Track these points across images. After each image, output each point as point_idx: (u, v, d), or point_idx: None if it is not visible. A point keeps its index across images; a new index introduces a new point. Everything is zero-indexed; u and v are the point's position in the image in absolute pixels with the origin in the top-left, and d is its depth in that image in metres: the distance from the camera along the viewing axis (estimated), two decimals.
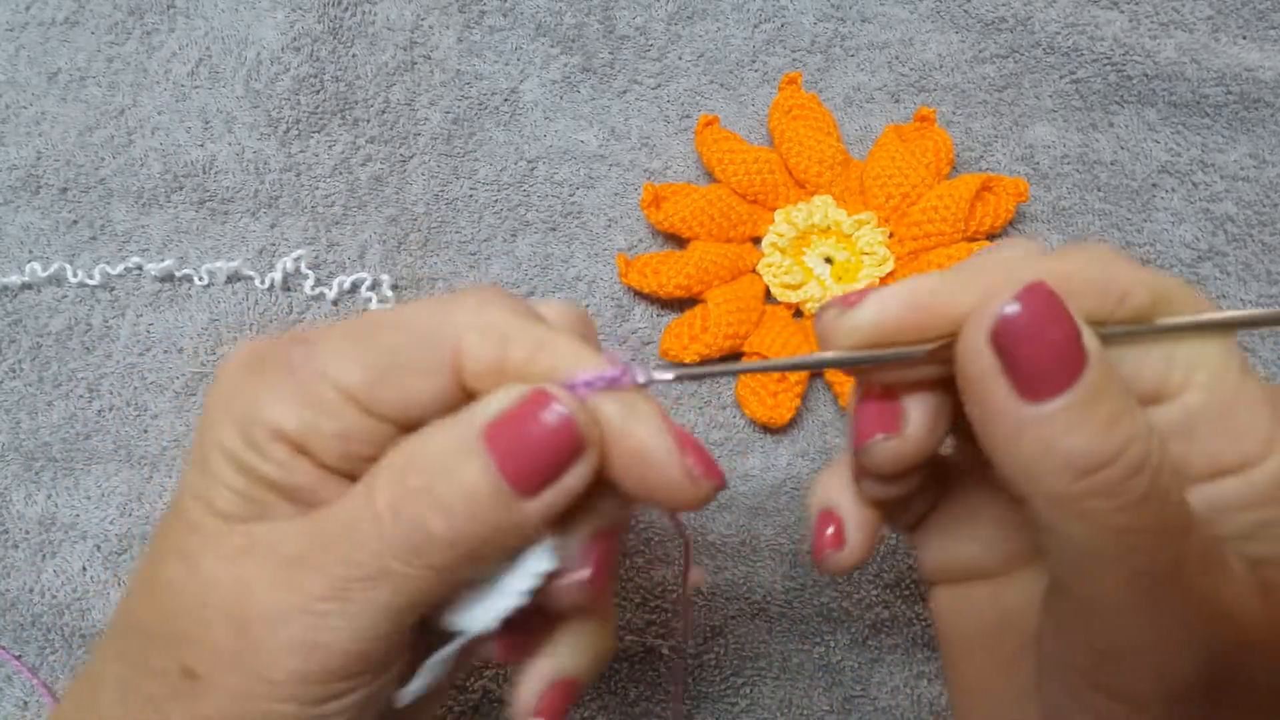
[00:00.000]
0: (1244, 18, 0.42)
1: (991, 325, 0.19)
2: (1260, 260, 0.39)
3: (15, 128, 0.43)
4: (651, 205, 0.39)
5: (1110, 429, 0.18)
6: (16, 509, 0.39)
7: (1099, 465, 0.18)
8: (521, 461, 0.19)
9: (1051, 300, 0.19)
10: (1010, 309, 0.19)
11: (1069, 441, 0.18)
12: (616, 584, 0.24)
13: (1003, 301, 0.19)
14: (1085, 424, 0.18)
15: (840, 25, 0.43)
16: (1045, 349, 0.18)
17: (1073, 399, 0.18)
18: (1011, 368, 0.19)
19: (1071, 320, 0.19)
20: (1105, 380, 0.19)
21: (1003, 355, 0.19)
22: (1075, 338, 0.18)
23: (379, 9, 0.44)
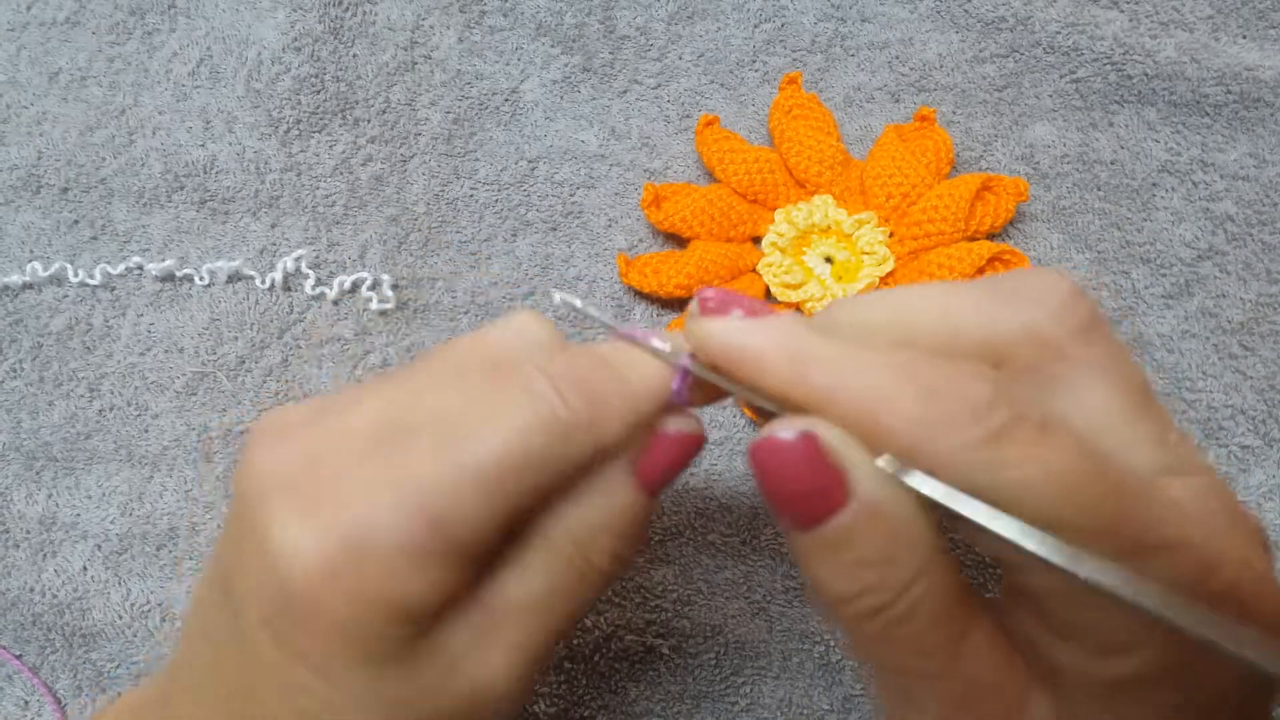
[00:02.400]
0: (1244, 17, 0.42)
1: (749, 447, 0.20)
2: (1260, 259, 0.39)
3: (16, 127, 0.43)
4: (651, 205, 0.39)
5: (848, 573, 0.19)
6: (17, 509, 0.39)
7: (840, 601, 0.19)
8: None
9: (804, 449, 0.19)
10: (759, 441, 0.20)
11: (814, 573, 0.19)
12: None
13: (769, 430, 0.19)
14: (830, 562, 0.19)
15: (840, 25, 0.43)
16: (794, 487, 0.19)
17: (818, 536, 0.19)
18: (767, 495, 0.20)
19: (829, 470, 0.19)
20: (861, 524, 0.19)
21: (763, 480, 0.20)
22: (834, 483, 0.19)
23: (380, 9, 0.44)
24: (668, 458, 0.23)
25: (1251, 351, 0.38)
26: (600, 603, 0.37)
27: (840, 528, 0.19)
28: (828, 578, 0.19)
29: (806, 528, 0.19)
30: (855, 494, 0.19)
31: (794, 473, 0.19)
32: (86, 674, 0.37)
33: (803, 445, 0.19)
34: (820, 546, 0.19)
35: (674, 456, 0.23)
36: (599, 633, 0.36)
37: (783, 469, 0.19)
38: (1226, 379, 0.38)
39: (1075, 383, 0.19)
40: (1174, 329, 0.38)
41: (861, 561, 0.19)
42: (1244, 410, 0.37)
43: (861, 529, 0.19)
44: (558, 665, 0.36)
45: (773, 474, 0.19)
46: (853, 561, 0.19)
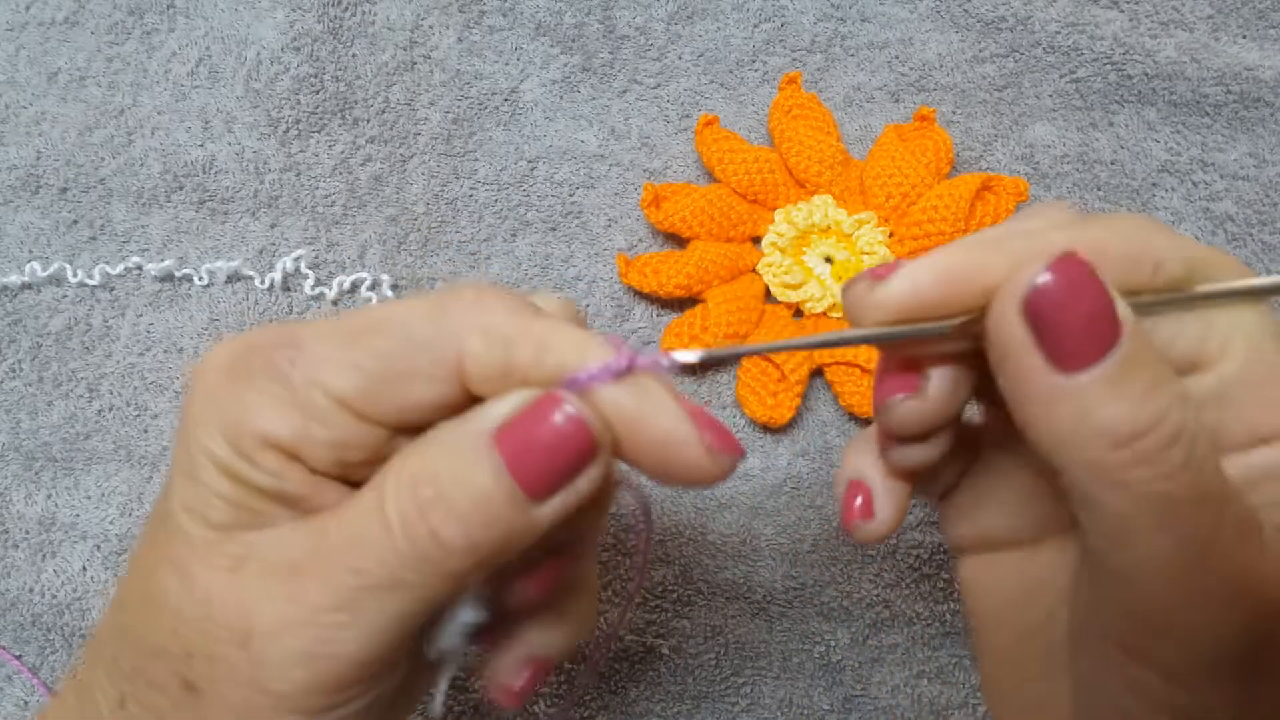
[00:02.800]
0: (1244, 17, 0.42)
1: (1023, 297, 0.18)
2: (1260, 259, 0.39)
3: (15, 127, 0.43)
4: (651, 205, 0.39)
5: (1147, 398, 0.18)
6: (17, 509, 0.39)
7: (1137, 434, 0.18)
8: (533, 466, 0.19)
9: (1084, 270, 0.18)
10: (1042, 279, 0.18)
11: (1105, 411, 0.18)
12: (595, 566, 0.24)
13: (1034, 272, 0.18)
14: (1121, 393, 0.18)
15: (840, 25, 0.43)
16: (1078, 319, 0.18)
17: (1108, 369, 0.18)
18: (1044, 339, 0.18)
19: (1104, 290, 0.18)
20: (1140, 349, 0.18)
21: (1035, 327, 0.18)
22: (1109, 307, 0.18)
23: (379, 9, 0.44)
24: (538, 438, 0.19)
25: None
26: (600, 603, 0.37)
27: (1128, 350, 0.18)
28: (1121, 414, 0.18)
29: (1098, 358, 0.18)
30: (1124, 317, 0.18)
31: (1081, 300, 0.18)
32: None
33: (1080, 272, 0.18)
34: (1110, 378, 0.18)
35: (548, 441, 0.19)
36: (599, 633, 0.36)
37: (1070, 299, 0.18)
38: None
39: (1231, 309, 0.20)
40: None
41: (1151, 384, 0.18)
42: None
43: (1144, 348, 0.18)
44: (558, 665, 0.36)
45: (1059, 310, 0.18)
46: (1148, 382, 0.18)
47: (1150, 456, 0.18)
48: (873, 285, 0.20)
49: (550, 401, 0.19)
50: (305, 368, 0.20)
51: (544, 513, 0.19)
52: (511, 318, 0.20)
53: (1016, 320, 0.19)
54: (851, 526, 0.24)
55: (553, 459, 0.19)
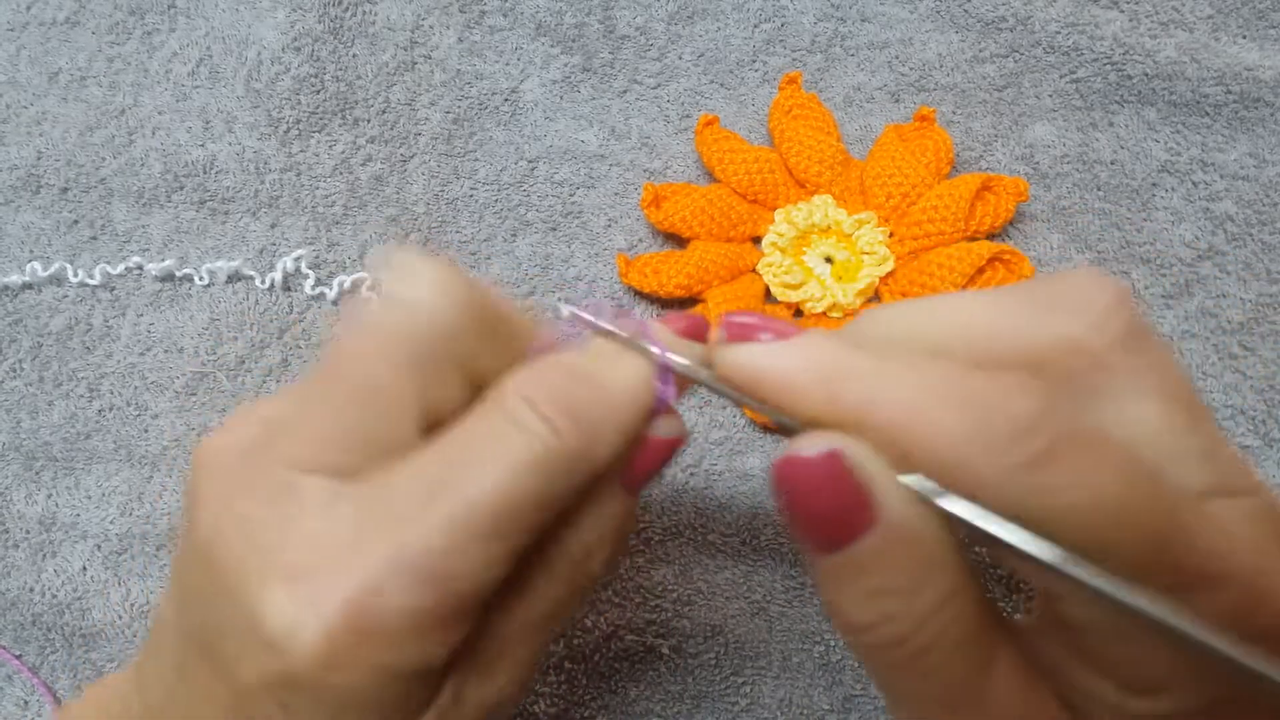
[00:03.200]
0: (1244, 17, 0.42)
1: (773, 463, 0.18)
2: (1260, 259, 0.39)
3: (16, 127, 0.43)
4: (651, 205, 0.39)
5: (869, 601, 0.18)
6: (17, 509, 0.39)
7: (859, 629, 0.18)
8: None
9: (830, 467, 0.18)
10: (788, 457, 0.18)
11: (832, 599, 0.18)
12: None
13: (793, 447, 0.18)
14: (850, 588, 0.18)
15: (840, 25, 0.43)
16: (818, 508, 0.18)
17: (839, 561, 0.18)
18: (789, 515, 0.18)
19: (855, 490, 0.17)
20: (886, 549, 0.18)
21: (784, 499, 0.18)
22: (860, 503, 0.17)
23: (379, 9, 0.44)
24: (654, 461, 0.22)
25: (1251, 351, 0.38)
26: (600, 603, 0.37)
27: (864, 552, 0.18)
28: (847, 605, 0.18)
29: (828, 551, 0.18)
30: (882, 516, 0.17)
31: (818, 492, 0.18)
32: (86, 674, 0.37)
33: (828, 463, 0.18)
34: (841, 571, 0.18)
35: (662, 460, 0.22)
36: (599, 632, 0.36)
37: (806, 488, 0.18)
38: (1226, 379, 0.38)
39: (1119, 394, 0.18)
40: (1174, 329, 0.38)
41: (884, 589, 0.18)
42: (1244, 410, 0.37)
43: (886, 554, 0.18)
44: (558, 665, 0.36)
45: (796, 494, 0.18)
46: (875, 589, 0.18)
47: (873, 653, 0.18)
48: (727, 344, 0.21)
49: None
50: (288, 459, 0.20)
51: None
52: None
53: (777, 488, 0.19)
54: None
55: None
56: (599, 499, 0.22)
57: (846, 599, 0.18)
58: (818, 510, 0.18)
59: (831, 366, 0.18)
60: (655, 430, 0.22)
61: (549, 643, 0.22)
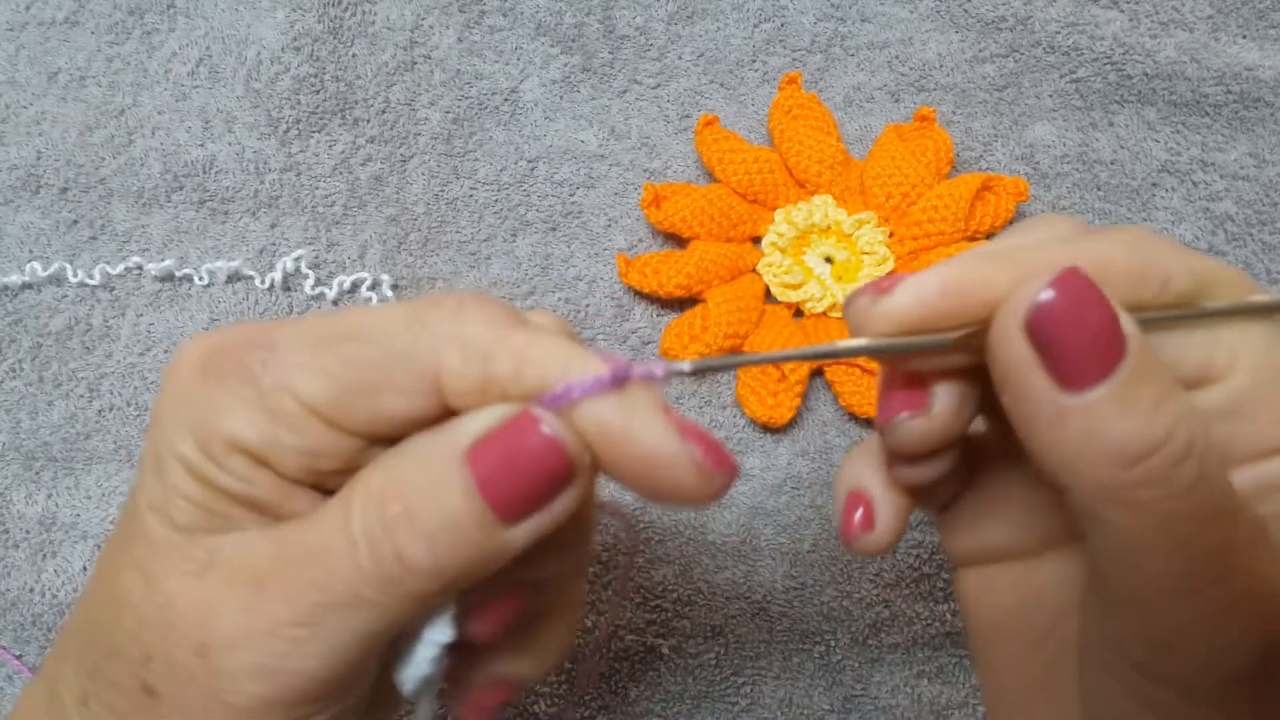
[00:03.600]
0: (1244, 17, 0.42)
1: (1026, 314, 0.18)
2: (1260, 259, 0.39)
3: (15, 127, 0.43)
4: (651, 205, 0.39)
5: (1155, 414, 0.18)
6: (17, 509, 0.39)
7: (1146, 452, 0.18)
8: (506, 488, 0.18)
9: (1087, 286, 0.18)
10: (1044, 296, 0.18)
11: (1113, 429, 0.18)
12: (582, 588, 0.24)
13: (1036, 288, 0.18)
14: (1129, 410, 0.18)
15: (840, 25, 0.43)
16: (1082, 336, 0.18)
17: (1114, 386, 0.18)
18: (1048, 357, 0.18)
19: (1108, 306, 0.18)
20: (1147, 365, 0.18)
21: (1038, 344, 0.18)
22: (1113, 323, 0.18)
23: (379, 9, 0.44)
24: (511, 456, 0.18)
25: None
26: (600, 603, 0.37)
27: (1135, 364, 0.18)
28: (1130, 431, 0.18)
29: (1104, 376, 0.18)
30: (1128, 331, 0.18)
31: (1086, 319, 0.18)
32: None
33: (1083, 288, 0.18)
34: (1117, 395, 0.18)
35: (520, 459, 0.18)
36: (599, 632, 0.36)
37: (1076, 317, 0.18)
38: None
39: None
40: None
41: (1163, 397, 0.18)
42: None
43: (1150, 364, 0.18)
44: (557, 665, 0.36)
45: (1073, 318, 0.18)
46: (1156, 398, 0.18)
47: (1161, 475, 0.18)
48: (876, 298, 0.20)
49: (526, 420, 0.18)
50: (276, 371, 0.19)
51: (516, 536, 0.19)
52: (492, 329, 0.19)
53: (1019, 338, 0.18)
54: (852, 538, 0.23)
55: (527, 480, 0.18)
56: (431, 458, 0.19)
57: (1132, 421, 0.18)
58: (1087, 334, 0.18)
59: (976, 273, 0.19)
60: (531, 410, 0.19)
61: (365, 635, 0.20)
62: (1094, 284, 0.18)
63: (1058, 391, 0.18)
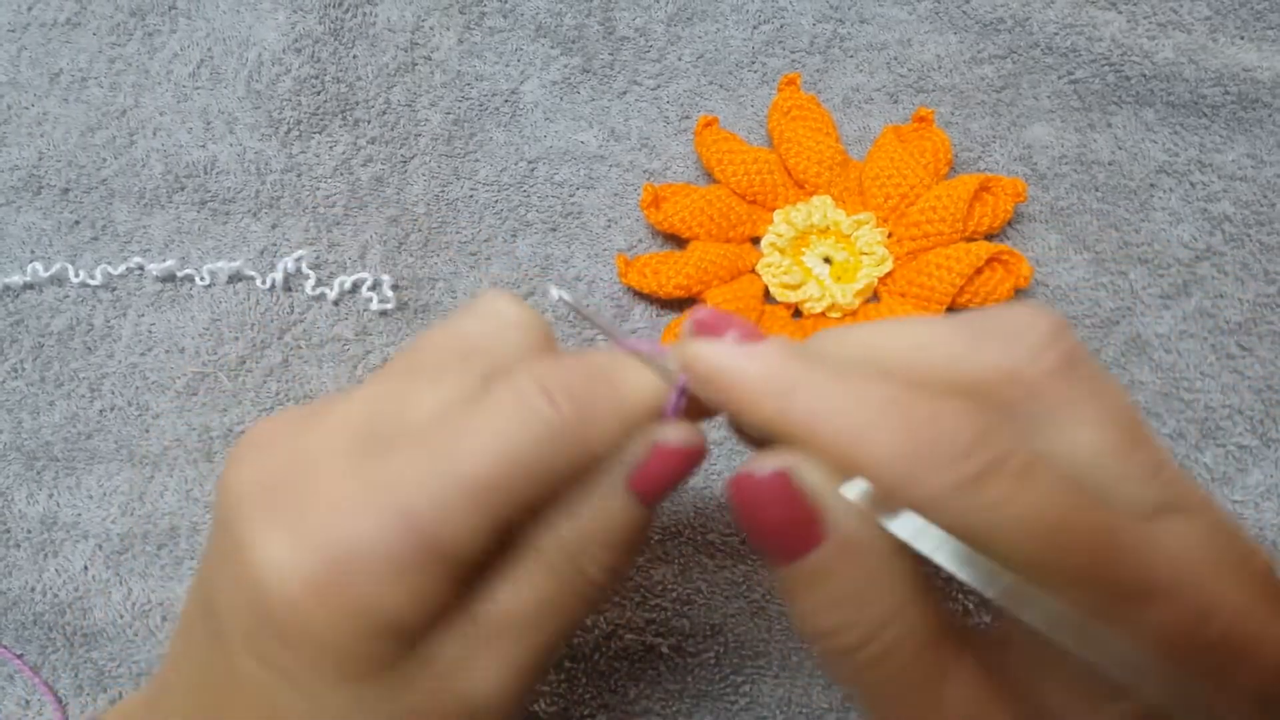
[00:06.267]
0: (1242, 18, 0.42)
1: (728, 481, 0.20)
2: (1258, 260, 0.39)
3: (17, 128, 0.43)
4: (651, 205, 0.39)
5: (823, 610, 0.19)
6: (18, 508, 0.39)
7: (816, 636, 0.19)
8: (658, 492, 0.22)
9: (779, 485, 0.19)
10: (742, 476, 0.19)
11: (793, 607, 0.19)
12: None
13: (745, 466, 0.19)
14: (806, 597, 0.19)
15: (839, 26, 0.43)
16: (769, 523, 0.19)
17: (794, 572, 0.19)
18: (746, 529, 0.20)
19: (805, 506, 0.19)
20: (835, 562, 0.19)
21: (740, 515, 0.20)
22: (809, 519, 0.19)
23: (380, 10, 0.44)
24: (665, 470, 0.22)
25: (1249, 352, 0.38)
26: None
27: (814, 564, 0.19)
28: (804, 613, 0.19)
29: (783, 562, 0.19)
30: (832, 531, 0.19)
31: (769, 509, 0.19)
32: (87, 673, 0.37)
33: (778, 482, 0.19)
34: (798, 581, 0.19)
35: (671, 469, 0.22)
36: (599, 631, 0.36)
37: (758, 505, 0.19)
38: (1224, 379, 0.38)
39: (1058, 421, 0.19)
40: (1172, 329, 0.39)
41: (836, 599, 0.19)
42: (1241, 410, 0.38)
43: (836, 566, 0.19)
44: (558, 664, 0.36)
45: (749, 509, 0.19)
46: (828, 599, 0.19)
47: (832, 660, 0.19)
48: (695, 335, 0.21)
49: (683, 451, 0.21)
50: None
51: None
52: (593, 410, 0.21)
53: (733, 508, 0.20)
54: None
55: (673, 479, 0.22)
56: (600, 494, 0.21)
57: (805, 607, 0.19)
58: (771, 525, 0.19)
59: (783, 376, 0.19)
60: (665, 438, 0.22)
61: (546, 649, 0.22)
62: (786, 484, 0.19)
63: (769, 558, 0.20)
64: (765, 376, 0.20)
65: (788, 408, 0.19)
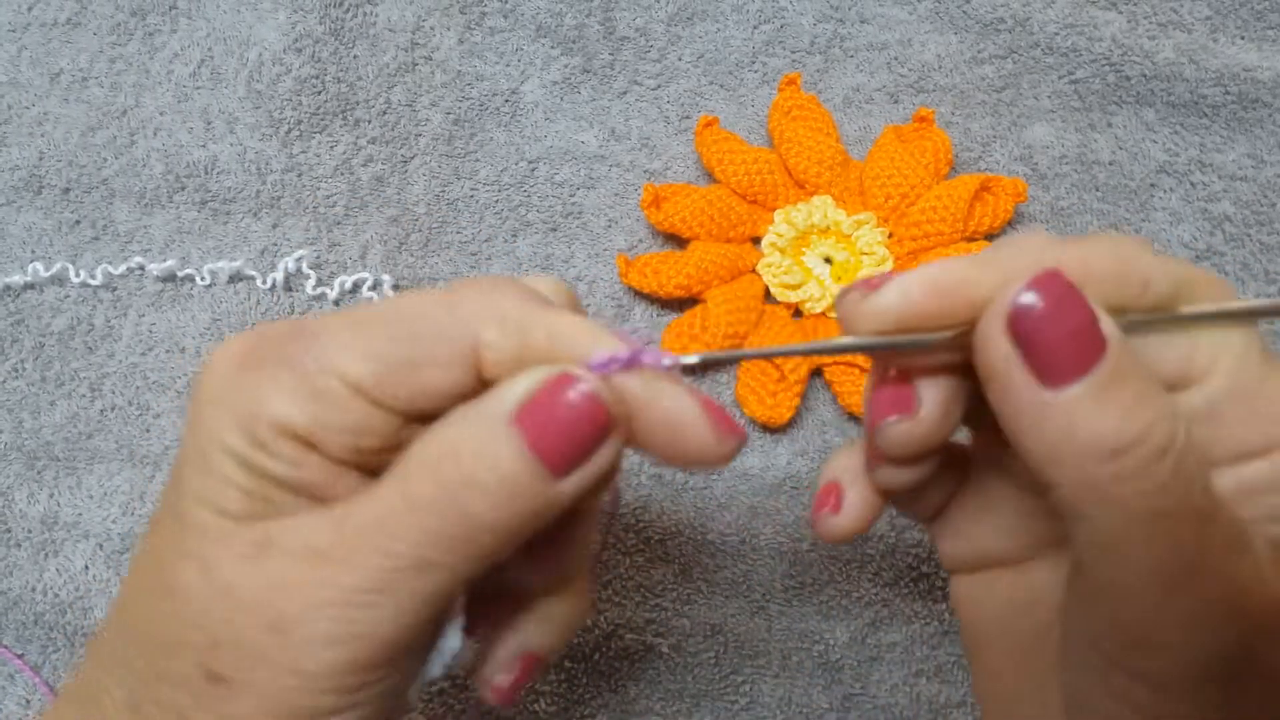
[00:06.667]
0: (1242, 18, 0.42)
1: (1007, 313, 0.19)
2: (1258, 259, 0.39)
3: (18, 128, 0.43)
4: (651, 205, 0.39)
5: (1133, 411, 0.18)
6: (19, 508, 0.39)
7: (1124, 448, 0.18)
8: (554, 442, 0.19)
9: (1066, 286, 0.19)
10: (1025, 297, 0.19)
11: (1092, 425, 0.18)
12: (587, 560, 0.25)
13: (1018, 289, 0.19)
14: (1108, 407, 0.18)
15: (839, 26, 0.43)
16: (1061, 335, 0.18)
17: (1093, 383, 0.18)
18: (1030, 354, 0.19)
19: (1087, 305, 0.19)
20: (1126, 363, 0.18)
21: (1020, 342, 0.19)
22: (1092, 322, 0.19)
23: (380, 10, 0.44)
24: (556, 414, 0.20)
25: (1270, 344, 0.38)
26: (600, 602, 0.37)
27: (1113, 362, 0.18)
28: (1109, 427, 0.18)
29: (1083, 373, 0.18)
30: (1108, 333, 0.19)
31: (1064, 318, 0.19)
32: None
33: (1062, 288, 0.19)
34: (1096, 392, 0.18)
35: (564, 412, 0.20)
36: (599, 631, 0.36)
37: (1053, 317, 0.19)
38: None
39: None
40: None
41: (1141, 395, 0.18)
42: None
43: (1129, 362, 0.19)
44: (558, 664, 0.36)
45: (1045, 323, 0.19)
46: (1134, 396, 0.18)
47: (1138, 470, 0.18)
48: (865, 294, 0.20)
49: (567, 379, 0.20)
50: (320, 356, 0.20)
51: (566, 488, 0.20)
52: (525, 306, 0.21)
53: (1001, 337, 0.19)
54: (818, 518, 0.24)
55: (573, 434, 0.19)
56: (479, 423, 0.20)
57: (1111, 418, 0.18)
58: (1066, 332, 0.19)
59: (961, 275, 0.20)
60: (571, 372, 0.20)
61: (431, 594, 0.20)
62: (1072, 285, 0.19)
63: (1039, 388, 0.19)
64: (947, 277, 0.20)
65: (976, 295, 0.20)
